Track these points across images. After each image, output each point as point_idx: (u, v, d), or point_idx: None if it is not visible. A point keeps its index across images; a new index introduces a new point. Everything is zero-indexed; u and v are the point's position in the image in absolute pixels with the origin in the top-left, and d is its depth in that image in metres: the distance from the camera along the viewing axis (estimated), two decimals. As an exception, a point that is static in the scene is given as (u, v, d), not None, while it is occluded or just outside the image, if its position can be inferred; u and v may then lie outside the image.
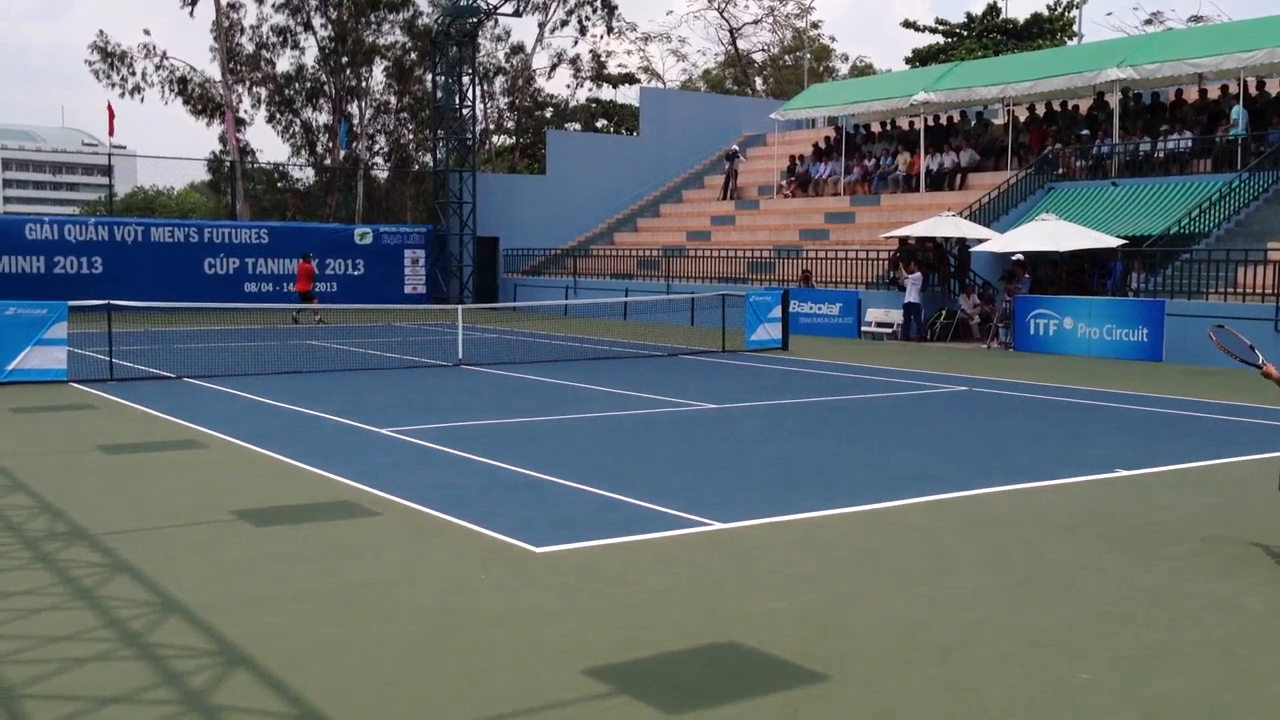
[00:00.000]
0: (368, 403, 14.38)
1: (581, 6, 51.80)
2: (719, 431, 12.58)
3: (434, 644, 5.68)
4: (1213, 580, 6.85)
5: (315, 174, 49.41)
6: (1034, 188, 28.03)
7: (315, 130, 48.71)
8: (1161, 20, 55.46)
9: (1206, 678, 5.27)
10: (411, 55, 47.89)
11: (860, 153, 35.05)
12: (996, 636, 5.82)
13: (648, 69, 65.23)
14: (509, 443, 11.44)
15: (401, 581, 6.75)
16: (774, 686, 5.12)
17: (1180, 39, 29.65)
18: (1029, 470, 10.18)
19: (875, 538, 7.85)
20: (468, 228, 38.28)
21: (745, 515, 8.31)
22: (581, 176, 41.18)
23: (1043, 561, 7.26)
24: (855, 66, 67.30)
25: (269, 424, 12.70)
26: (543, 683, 5.16)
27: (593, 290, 34.52)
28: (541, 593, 6.52)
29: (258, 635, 5.76)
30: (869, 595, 6.54)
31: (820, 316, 27.21)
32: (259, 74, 47.28)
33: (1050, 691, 5.10)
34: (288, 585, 6.66)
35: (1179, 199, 24.50)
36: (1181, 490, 9.52)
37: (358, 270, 37.22)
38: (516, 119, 55.79)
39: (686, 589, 6.60)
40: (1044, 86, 29.10)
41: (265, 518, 8.29)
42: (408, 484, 9.34)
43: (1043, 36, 52.17)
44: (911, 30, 57.64)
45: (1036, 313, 22.81)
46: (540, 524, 8.06)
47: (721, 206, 37.87)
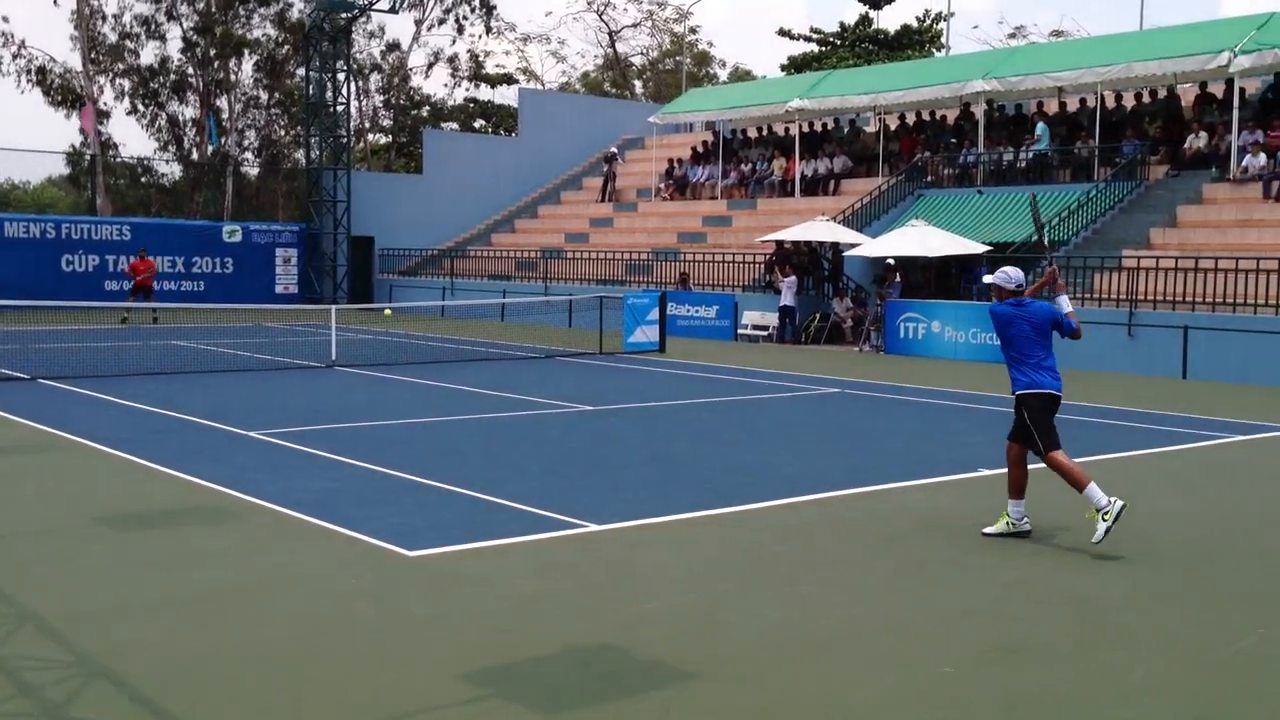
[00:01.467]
0: (236, 405, 14.01)
1: (459, 5, 51.35)
2: (595, 433, 12.59)
3: (304, 651, 5.56)
4: (1069, 575, 7.11)
5: (182, 169, 47.95)
6: (904, 194, 28.75)
7: (182, 124, 47.33)
8: (1025, 34, 57.44)
9: (1065, 670, 5.46)
10: (283, 49, 46.83)
11: (737, 157, 35.48)
12: (865, 633, 5.95)
13: (527, 70, 65.01)
14: (383, 445, 11.27)
15: (269, 587, 6.59)
16: (649, 687, 5.15)
17: (1042, 53, 30.75)
18: (897, 470, 10.43)
19: (748, 538, 7.95)
20: (342, 227, 37.57)
21: (620, 517, 8.33)
22: (459, 176, 40.81)
23: (909, 559, 7.45)
24: (733, 72, 68.15)
25: (131, 427, 12.27)
26: (417, 688, 5.10)
27: (470, 291, 34.24)
28: (414, 597, 6.44)
29: (118, 645, 5.56)
30: (742, 595, 6.62)
31: (697, 319, 27.46)
32: (122, 65, 45.71)
33: (917, 686, 5.23)
34: (150, 593, 6.44)
35: (1040, 207, 25.38)
36: (1043, 488, 9.85)
37: (227, 269, 36.20)
38: (393, 117, 55.03)
39: (561, 591, 6.59)
40: (913, 96, 29.88)
41: (126, 523, 8.01)
42: (277, 488, 9.13)
43: (912, 47, 53.55)
44: (787, 38, 58.53)
45: (906, 316, 23.39)
46: (414, 527, 7.95)
47: (600, 209, 37.93)
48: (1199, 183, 24.28)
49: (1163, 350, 19.58)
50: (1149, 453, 11.72)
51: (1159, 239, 22.97)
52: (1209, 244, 21.82)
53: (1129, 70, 25.59)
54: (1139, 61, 25.38)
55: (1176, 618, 6.31)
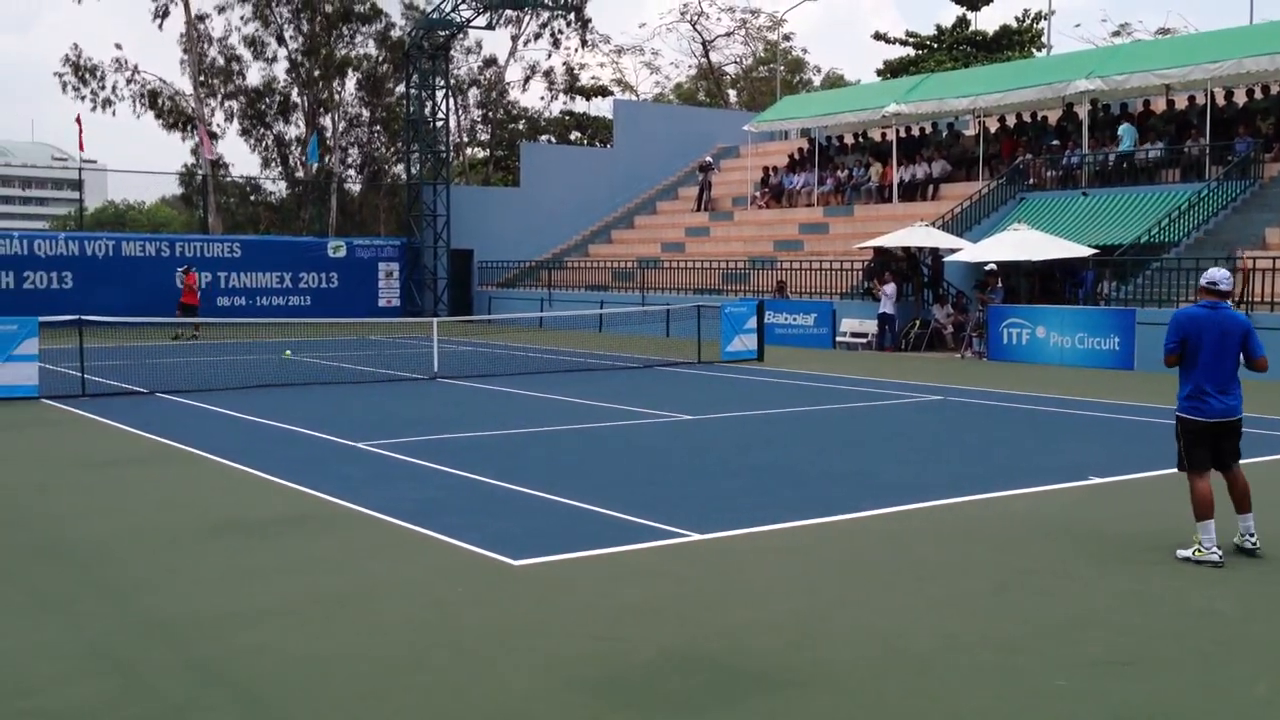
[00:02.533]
0: (342, 416, 14.32)
1: (555, 20, 51.88)
2: (695, 442, 12.59)
3: (413, 658, 5.66)
4: (1186, 586, 6.91)
5: (288, 187, 49.23)
6: (1005, 198, 28.24)
7: (287, 143, 48.56)
8: (1129, 32, 56.01)
9: (1179, 683, 5.31)
10: (384, 67, 47.81)
11: (833, 164, 35.21)
12: (973, 644, 5.85)
13: (621, 81, 65.37)
14: (485, 456, 11.42)
15: (378, 595, 6.72)
16: (752, 697, 5.13)
17: (1147, 50, 29.96)
18: (1003, 478, 10.24)
19: (852, 547, 7.88)
20: (441, 240, 38.21)
21: (722, 526, 8.32)
22: (555, 188, 41.19)
23: (1018, 569, 7.30)
24: (828, 78, 67.69)
25: (243, 438, 12.63)
26: (523, 696, 5.15)
27: (568, 302, 34.51)
28: (519, 606, 6.51)
29: (234, 650, 5.73)
30: (846, 605, 6.56)
31: (795, 327, 27.29)
32: (230, 87, 47.10)
33: (1025, 699, 5.13)
34: (264, 599, 6.62)
35: (1148, 208, 24.74)
36: (1154, 496, 9.59)
37: (331, 283, 37.07)
38: (490, 131, 55.77)
39: (664, 601, 6.60)
40: (1014, 98, 29.34)
41: (240, 532, 8.24)
42: (383, 497, 9.31)
43: (1011, 48, 52.61)
44: (882, 42, 57.94)
45: (1009, 322, 22.96)
46: (517, 537, 8.04)
47: (696, 218, 37.95)
48: (1316, 180, 23.41)
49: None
50: (1270, 459, 11.31)
51: (1275, 238, 22.19)
52: (1328, 243, 21.03)
53: (1240, 66, 24.79)
54: (1250, 57, 24.56)
55: (1300, 631, 6.09)
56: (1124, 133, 27.45)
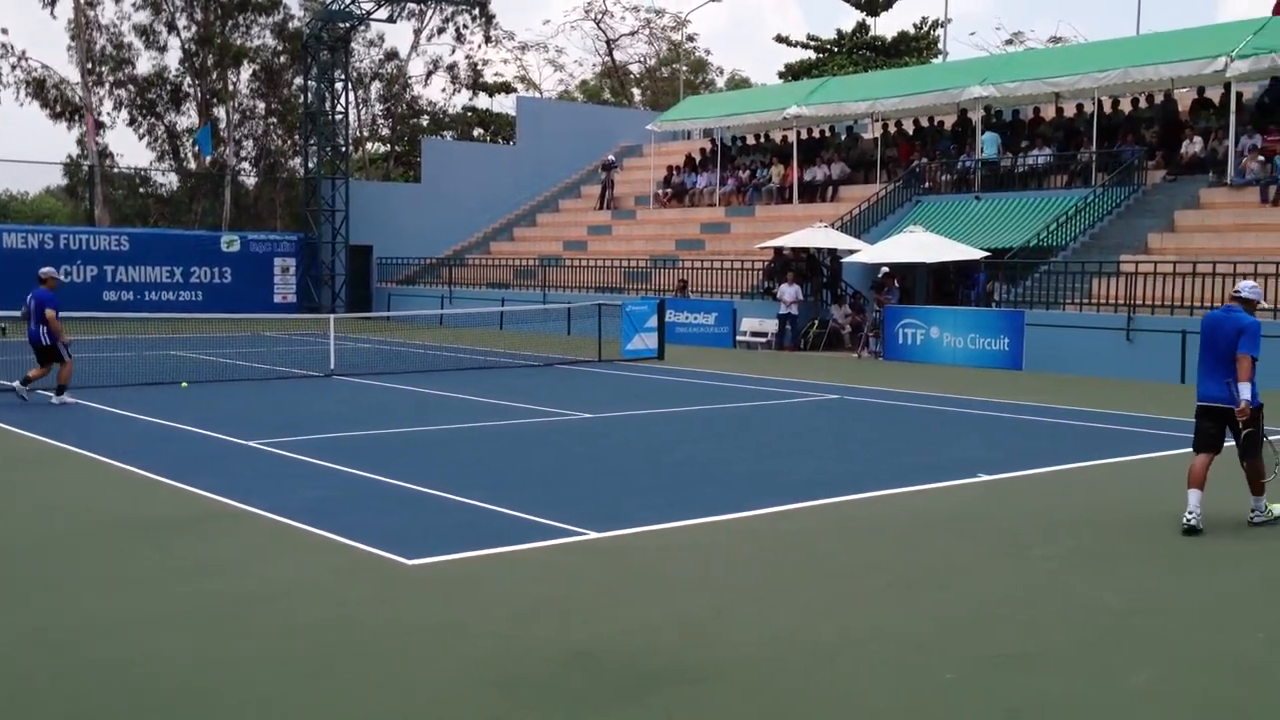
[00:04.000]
0: (235, 415, 14.01)
1: (459, 14, 51.42)
2: (595, 441, 12.59)
3: (310, 661, 5.55)
4: (1073, 580, 7.11)
5: (179, 179, 47.98)
6: (902, 200, 28.78)
7: (179, 134, 47.30)
8: (1022, 40, 57.49)
9: (1067, 676, 5.46)
10: (282, 59, 46.85)
11: (734, 164, 35.52)
12: (871, 639, 5.95)
13: (525, 78, 65.05)
14: (383, 454, 11.27)
15: (273, 597, 6.59)
16: (655, 693, 5.15)
17: (1039, 59, 30.81)
18: (899, 476, 10.43)
19: (752, 544, 7.95)
20: (340, 236, 37.59)
21: (623, 524, 8.33)
22: (457, 185, 40.83)
23: (915, 564, 7.45)
24: (731, 79, 68.23)
25: (131, 438, 12.27)
26: (426, 697, 5.09)
27: (469, 300, 34.24)
28: (420, 606, 6.44)
29: (127, 657, 5.56)
30: (747, 601, 6.62)
31: (696, 326, 27.46)
32: (120, 75, 45.72)
33: (920, 692, 5.23)
34: (156, 603, 6.44)
35: (1038, 213, 25.43)
36: (1043, 494, 9.86)
37: (224, 279, 36.22)
38: (391, 126, 55.04)
39: (564, 599, 6.58)
40: (911, 103, 29.91)
41: (129, 534, 8.01)
42: (277, 497, 9.12)
43: (910, 54, 53.62)
44: (784, 45, 58.59)
45: (904, 322, 23.41)
46: (416, 536, 7.95)
47: (598, 216, 37.96)
48: (1196, 187, 24.31)
49: (1161, 354, 19.59)
50: (1148, 457, 11.72)
51: (1157, 244, 22.99)
52: (1207, 248, 21.84)
53: (1126, 76, 25.62)
54: (1135, 67, 25.39)
55: (1177, 621, 6.31)
56: (986, 141, 28.62)
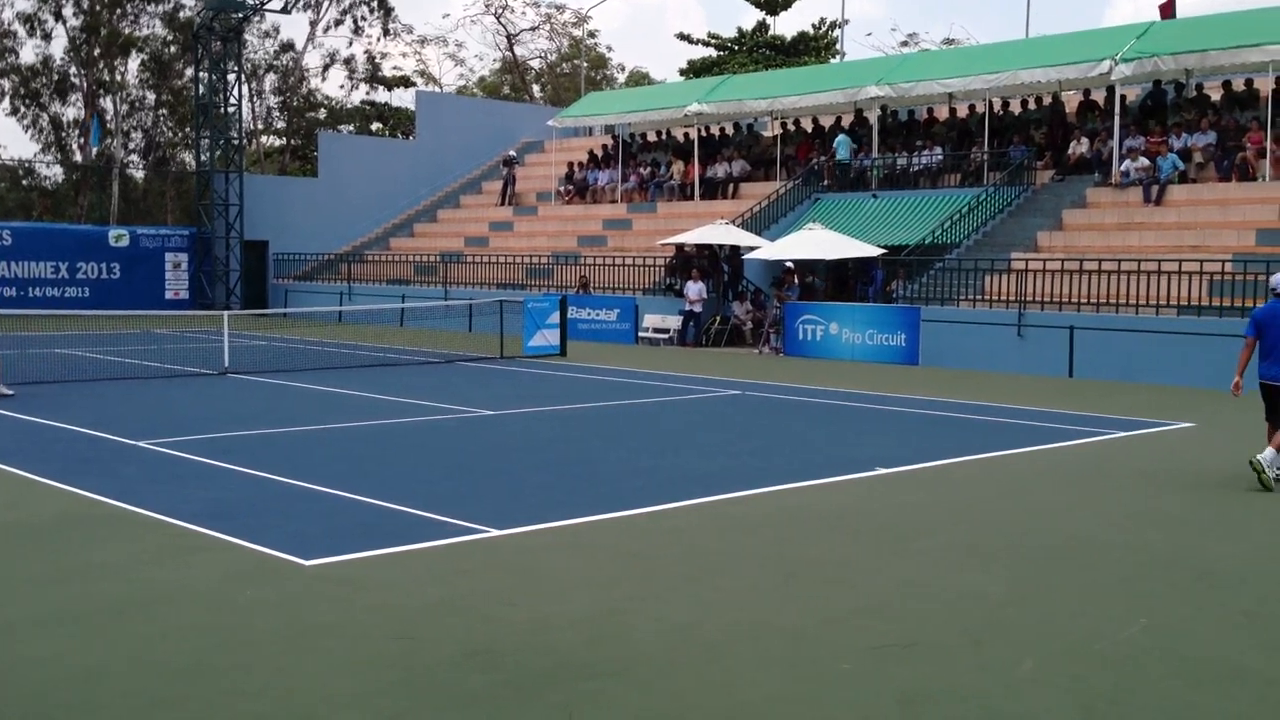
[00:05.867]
0: (123, 414, 13.63)
1: (357, 6, 50.71)
2: (495, 438, 12.53)
3: (200, 665, 5.43)
4: (959, 571, 7.29)
5: (64, 172, 46.50)
6: (801, 198, 29.16)
7: (65, 126, 45.86)
8: (917, 42, 58.67)
9: (956, 664, 5.60)
10: (172, 49, 45.69)
11: (636, 161, 35.60)
12: (762, 633, 6.02)
13: (424, 73, 64.38)
14: (278, 453, 11.07)
15: (162, 601, 6.43)
16: (550, 691, 5.14)
17: (933, 60, 31.46)
18: (795, 471, 10.57)
19: (647, 541, 7.99)
20: (234, 230, 36.79)
21: (521, 522, 8.30)
22: (356, 180, 40.25)
23: (805, 559, 7.56)
24: (632, 76, 68.36)
25: (10, 438, 11.86)
26: (319, 699, 5.02)
27: (368, 296, 33.79)
28: (313, 608, 6.34)
29: (7, 664, 5.38)
30: (642, 598, 6.65)
31: (598, 323, 27.49)
32: (2, 64, 44.15)
33: (814, 683, 5.31)
34: (38, 608, 6.23)
35: (932, 211, 25.98)
36: (934, 486, 10.09)
37: (113, 274, 35.21)
38: (287, 119, 54.04)
39: (461, 598, 6.54)
40: (809, 101, 30.32)
41: (9, 538, 7.74)
42: (167, 499, 8.90)
43: (809, 53, 54.32)
44: (685, 43, 58.92)
45: (804, 319, 23.72)
46: (310, 536, 7.82)
47: (500, 212, 37.75)
48: (1083, 187, 25.06)
49: (1050, 350, 20.17)
50: (1035, 449, 12.06)
51: (1046, 242, 23.65)
52: (1093, 247, 22.55)
53: (1015, 78, 26.30)
54: (1024, 69, 26.09)
55: (1061, 611, 6.50)
56: (839, 144, 29.79)
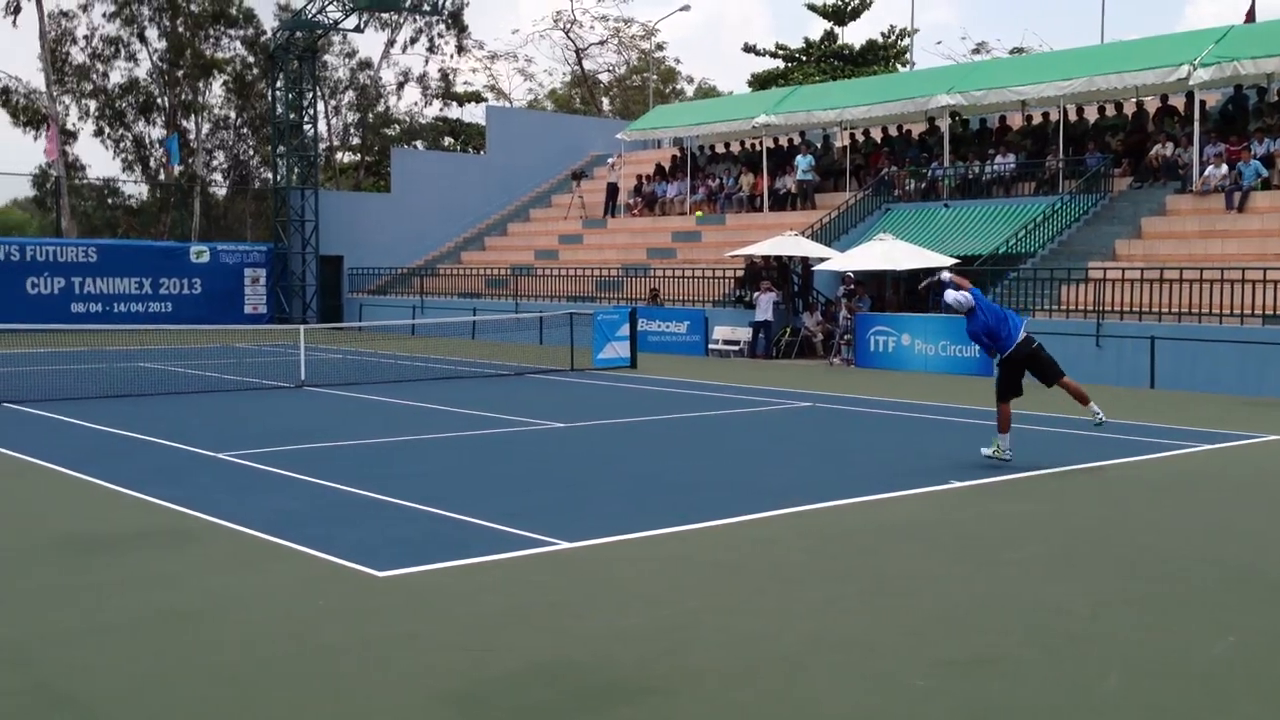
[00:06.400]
0: (203, 426, 13.88)
1: (432, 25, 51.40)
2: (566, 450, 12.54)
3: (270, 674, 5.48)
4: (1040, 585, 7.12)
5: (149, 190, 47.65)
6: (872, 209, 28.90)
7: (149, 145, 47.02)
8: (988, 50, 57.95)
9: (1035, 681, 5.46)
10: (254, 70, 46.67)
11: (704, 173, 35.58)
12: (837, 646, 5.93)
13: (494, 88, 65.03)
14: (353, 465, 11.18)
15: (234, 610, 6.50)
16: (618, 705, 5.11)
17: (1005, 67, 31.02)
18: (869, 483, 10.43)
19: (720, 553, 7.92)
20: (310, 246, 37.42)
21: (591, 534, 8.28)
22: (428, 195, 40.72)
23: (882, 571, 7.44)
24: (699, 88, 68.41)
25: (95, 450, 12.13)
26: (387, 710, 5.03)
27: (440, 310, 34.11)
28: (383, 618, 6.37)
29: (79, 670, 5.47)
30: (713, 611, 6.59)
31: (668, 335, 27.46)
32: (89, 85, 45.41)
33: (886, 699, 5.21)
34: (111, 616, 6.34)
35: (1006, 220, 25.58)
36: (1015, 499, 9.89)
37: (194, 290, 35.99)
38: (362, 136, 54.88)
39: (531, 610, 6.54)
40: (879, 111, 30.05)
41: (87, 546, 7.90)
42: (243, 509, 9.03)
43: (877, 63, 53.92)
44: (753, 55, 58.81)
45: (876, 330, 23.48)
46: (383, 547, 7.88)
47: (569, 225, 37.93)
48: (1162, 195, 24.52)
49: (1130, 360, 19.73)
50: (1116, 462, 11.78)
51: (1124, 250, 23.17)
52: (1173, 255, 22.03)
53: (1090, 84, 25.83)
54: (1100, 75, 25.62)
55: (1145, 626, 6.32)
56: (800, 162, 31.10)
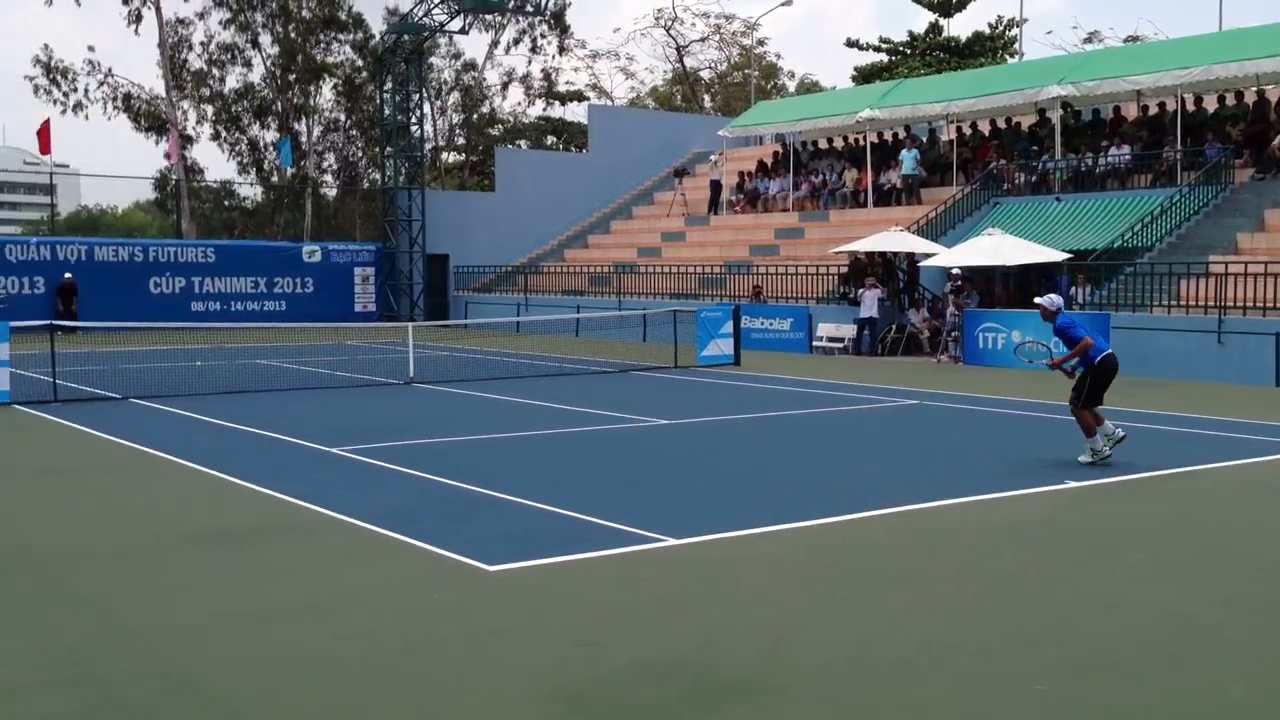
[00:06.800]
0: (317, 422, 14.22)
1: (535, 26, 51.89)
2: (672, 447, 12.56)
3: (384, 667, 5.60)
4: (1164, 589, 6.92)
5: (263, 191, 48.98)
6: (980, 203, 28.36)
7: (262, 148, 48.32)
8: (1100, 39, 56.44)
9: (1158, 687, 5.31)
10: (363, 73, 47.67)
11: (806, 169, 35.30)
12: (952, 649, 5.84)
13: (596, 86, 65.37)
14: (461, 461, 11.35)
15: (351, 603, 6.65)
16: (727, 704, 5.10)
17: (1119, 57, 30.17)
18: (981, 482, 10.25)
19: (827, 552, 7.86)
20: (417, 245, 38.09)
21: (699, 531, 8.28)
22: (532, 193, 41.14)
23: (996, 573, 7.30)
24: (802, 84, 67.90)
25: (215, 444, 12.51)
26: (496, 705, 5.10)
27: (544, 307, 34.43)
28: (494, 612, 6.46)
29: (202, 660, 5.65)
30: (822, 610, 6.54)
31: (772, 332, 27.31)
32: (206, 91, 46.85)
33: (1007, 703, 5.11)
34: (234, 607, 6.53)
35: (1121, 214, 24.89)
36: (1134, 499, 9.63)
37: (306, 289, 36.91)
38: (467, 136, 55.65)
39: (639, 607, 6.56)
40: (987, 103, 29.48)
41: (212, 539, 8.15)
42: (357, 504, 9.23)
43: (984, 54, 52.88)
44: (855, 49, 58.16)
45: (985, 326, 23.04)
46: (492, 542, 7.98)
47: (671, 223, 37.96)
48: (1287, 185, 23.61)
49: (1255, 357, 19.04)
50: (1241, 463, 11.38)
51: (1247, 244, 22.36)
52: (1299, 248, 21.21)
53: (1209, 73, 24.99)
54: (1219, 64, 24.77)
55: (1274, 634, 6.10)
56: (904, 157, 30.10)
